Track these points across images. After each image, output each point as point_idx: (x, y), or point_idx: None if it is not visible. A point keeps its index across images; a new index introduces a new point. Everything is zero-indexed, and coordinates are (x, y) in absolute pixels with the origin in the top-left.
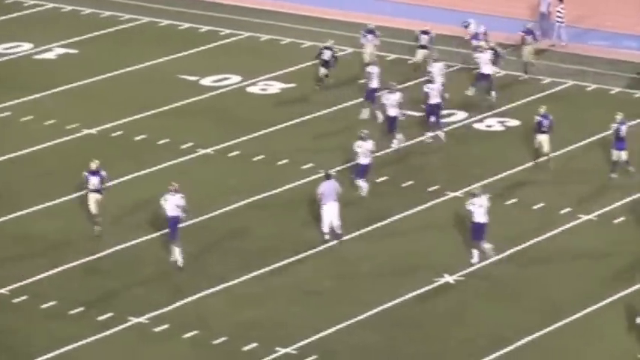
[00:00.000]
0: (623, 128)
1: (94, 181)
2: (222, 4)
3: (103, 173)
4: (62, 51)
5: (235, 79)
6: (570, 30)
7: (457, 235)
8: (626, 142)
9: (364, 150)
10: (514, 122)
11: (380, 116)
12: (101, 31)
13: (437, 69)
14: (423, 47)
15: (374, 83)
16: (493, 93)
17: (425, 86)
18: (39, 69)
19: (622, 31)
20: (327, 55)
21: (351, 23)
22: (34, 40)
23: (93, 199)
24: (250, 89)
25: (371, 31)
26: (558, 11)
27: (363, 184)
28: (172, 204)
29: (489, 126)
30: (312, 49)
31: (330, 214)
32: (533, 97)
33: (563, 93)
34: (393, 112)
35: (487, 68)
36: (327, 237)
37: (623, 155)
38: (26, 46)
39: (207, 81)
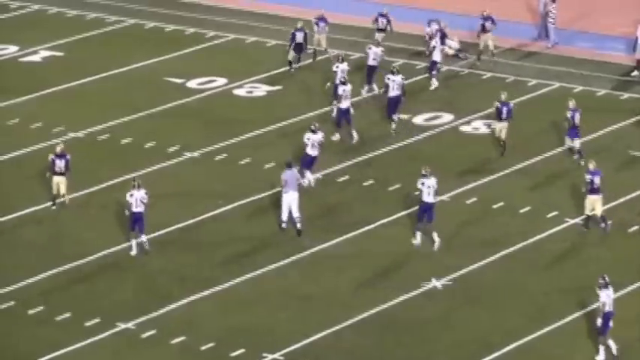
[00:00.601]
0: (577, 116)
1: (59, 164)
2: (207, 6)
3: (68, 157)
4: (48, 53)
5: (221, 81)
6: (557, 32)
7: (445, 239)
8: (580, 131)
9: (313, 141)
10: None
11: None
12: (87, 33)
13: (372, 53)
14: (380, 30)
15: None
16: (434, 80)
17: (386, 77)
18: (25, 72)
19: (608, 32)
20: (299, 37)
21: (343, 26)
22: (20, 43)
23: (57, 181)
24: (237, 92)
25: (323, 19)
26: (550, 12)
27: (309, 176)
28: (137, 199)
29: (476, 128)
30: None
31: (290, 203)
32: (519, 100)
33: (549, 95)
34: (345, 104)
35: (437, 55)
36: (283, 225)
37: (577, 143)
38: (12, 49)
39: (193, 83)
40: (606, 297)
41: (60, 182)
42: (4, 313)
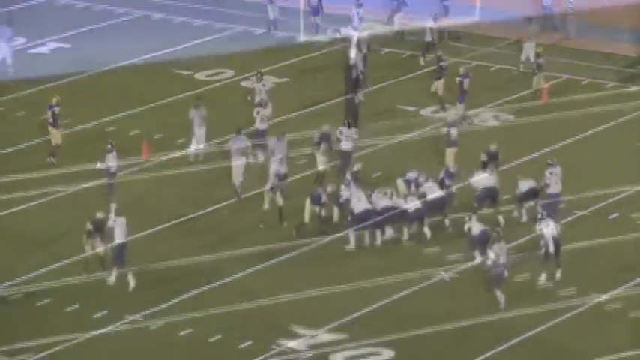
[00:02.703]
0: (466, 81)
1: (49, 115)
2: None
3: (55, 109)
4: (56, 45)
5: (229, 73)
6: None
7: (454, 230)
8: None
9: (262, 115)
10: (508, 117)
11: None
12: (95, 25)
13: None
14: None
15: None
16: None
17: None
18: (33, 63)
19: (615, 24)
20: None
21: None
22: (28, 35)
23: (51, 132)
24: (245, 83)
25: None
26: (570, 2)
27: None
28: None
29: (484, 121)
30: (306, 44)
31: (239, 169)
32: (527, 92)
33: (557, 87)
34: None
35: (428, 36)
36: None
37: (461, 108)
38: (20, 41)
39: (201, 75)
40: (498, 249)
41: (52, 133)
42: (13, 305)
